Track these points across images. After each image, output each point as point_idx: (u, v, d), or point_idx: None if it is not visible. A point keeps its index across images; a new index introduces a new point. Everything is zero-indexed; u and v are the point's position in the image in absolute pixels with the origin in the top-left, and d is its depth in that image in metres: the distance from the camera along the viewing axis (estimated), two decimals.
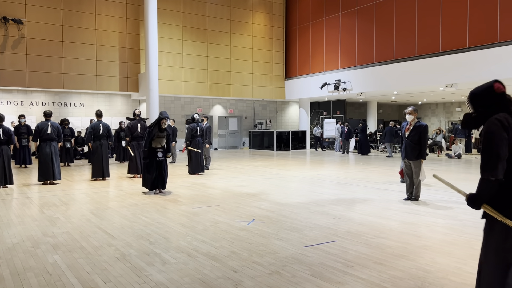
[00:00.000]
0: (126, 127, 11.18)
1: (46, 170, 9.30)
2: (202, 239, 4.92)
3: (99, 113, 10.56)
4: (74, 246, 4.66)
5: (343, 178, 10.78)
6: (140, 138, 10.88)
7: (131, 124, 11.13)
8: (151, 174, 8.18)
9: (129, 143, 11.15)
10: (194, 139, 11.33)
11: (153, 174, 8.19)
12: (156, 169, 8.22)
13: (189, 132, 11.35)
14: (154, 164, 8.20)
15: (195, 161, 11.27)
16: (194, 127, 11.37)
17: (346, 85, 20.31)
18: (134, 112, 11.38)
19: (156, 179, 8.24)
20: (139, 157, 10.67)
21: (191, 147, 11.24)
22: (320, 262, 4.07)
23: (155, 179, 8.22)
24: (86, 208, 6.86)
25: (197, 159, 11.28)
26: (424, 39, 17.04)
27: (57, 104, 19.01)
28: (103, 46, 19.13)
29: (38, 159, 9.48)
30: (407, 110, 7.50)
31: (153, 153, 8.22)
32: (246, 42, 23.03)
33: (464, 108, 27.36)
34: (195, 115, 11.60)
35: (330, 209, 6.66)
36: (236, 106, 24.14)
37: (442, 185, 9.24)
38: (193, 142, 11.29)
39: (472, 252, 4.37)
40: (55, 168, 9.38)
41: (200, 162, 11.34)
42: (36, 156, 9.70)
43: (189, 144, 11.30)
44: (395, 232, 5.22)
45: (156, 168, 8.22)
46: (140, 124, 11.03)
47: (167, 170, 8.49)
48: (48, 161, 9.31)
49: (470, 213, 6.35)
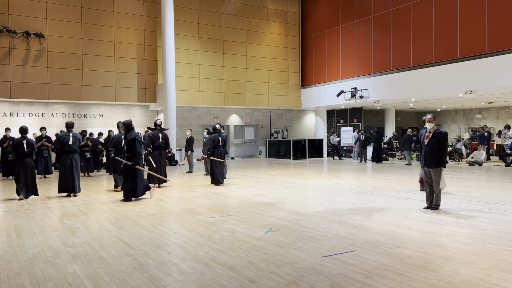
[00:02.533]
0: (147, 136, 11.34)
1: (67, 183, 9.36)
2: (219, 249, 4.91)
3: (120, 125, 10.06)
4: (93, 256, 4.71)
5: (361, 186, 10.65)
6: (162, 148, 11.09)
7: (152, 134, 11.19)
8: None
9: (150, 153, 11.18)
10: (216, 149, 11.22)
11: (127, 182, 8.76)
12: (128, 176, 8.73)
13: (211, 142, 11.24)
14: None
15: (218, 171, 11.11)
16: (216, 137, 11.26)
17: (363, 93, 20.19)
18: (155, 122, 11.43)
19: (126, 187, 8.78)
20: (160, 166, 10.91)
21: (213, 157, 11.12)
22: (338, 273, 4.01)
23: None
24: (105, 218, 6.93)
25: (219, 169, 11.14)
26: (442, 45, 16.84)
27: (77, 115, 19.39)
28: (121, 58, 19.50)
29: (58, 171, 9.63)
30: (426, 118, 7.39)
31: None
32: (261, 51, 23.15)
33: (484, 115, 26.84)
34: (217, 125, 11.52)
35: (348, 219, 6.58)
36: (253, 115, 24.21)
37: (464, 193, 9.05)
38: (215, 153, 11.18)
39: (495, 263, 4.25)
40: (75, 182, 9.36)
41: (222, 173, 11.24)
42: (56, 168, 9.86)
43: (211, 154, 11.20)
44: (415, 242, 5.12)
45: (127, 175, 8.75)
46: (161, 134, 11.13)
47: (137, 179, 8.75)
48: (69, 174, 9.30)
49: (493, 222, 6.20)
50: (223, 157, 11.25)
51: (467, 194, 9.01)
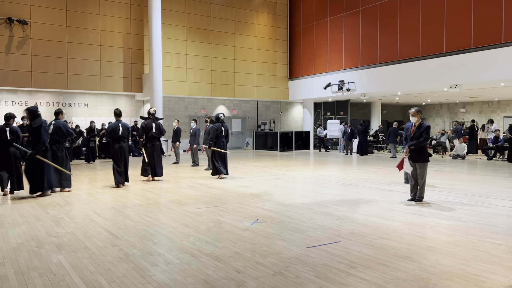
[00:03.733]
0: (140, 127, 10.56)
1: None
2: (206, 240, 4.93)
3: (117, 112, 9.59)
4: (78, 246, 4.67)
5: (347, 178, 10.76)
6: (155, 139, 10.34)
7: (145, 123, 10.39)
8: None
9: (143, 144, 10.41)
10: (218, 140, 10.77)
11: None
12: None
13: (214, 132, 10.73)
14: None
15: (220, 162, 10.72)
16: (219, 127, 10.78)
17: (349, 86, 20.29)
18: (148, 111, 10.73)
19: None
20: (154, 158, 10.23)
21: (215, 147, 10.74)
22: (323, 263, 4.07)
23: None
24: (90, 208, 6.88)
25: (222, 161, 10.75)
26: (428, 40, 16.99)
27: (61, 104, 19.08)
28: (107, 47, 19.21)
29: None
30: (411, 112, 7.47)
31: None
32: (249, 42, 23.05)
33: (468, 109, 27.25)
34: (220, 114, 11.02)
35: (334, 210, 6.65)
36: (240, 107, 24.16)
37: (447, 186, 9.21)
38: (217, 143, 10.75)
39: (476, 254, 4.35)
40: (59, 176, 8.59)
41: (224, 164, 10.81)
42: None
43: (212, 145, 10.73)
44: (399, 233, 5.21)
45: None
46: (155, 124, 10.35)
47: (43, 171, 8.01)
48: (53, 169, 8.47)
49: (474, 214, 6.33)
50: (225, 148, 10.86)
51: (450, 187, 9.17)
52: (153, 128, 10.30)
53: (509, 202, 7.33)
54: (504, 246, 4.64)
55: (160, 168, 10.35)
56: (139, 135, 10.48)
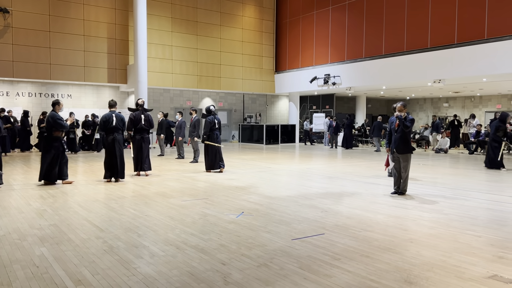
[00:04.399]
0: (128, 118, 10.06)
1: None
2: (191, 232, 4.93)
3: (111, 103, 9.22)
4: (61, 239, 4.63)
5: (332, 172, 10.85)
6: (144, 131, 9.91)
7: (134, 115, 9.89)
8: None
9: (131, 136, 9.94)
10: (212, 133, 10.53)
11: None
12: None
13: (208, 126, 10.45)
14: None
15: (213, 156, 10.49)
16: (212, 120, 10.51)
17: (335, 80, 20.38)
18: (137, 102, 10.21)
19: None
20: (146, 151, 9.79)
21: (208, 141, 10.46)
22: (308, 255, 4.11)
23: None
24: (73, 201, 6.80)
25: (214, 155, 10.50)
26: (413, 35, 17.15)
27: (44, 95, 18.75)
28: (91, 37, 18.89)
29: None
30: (397, 107, 7.56)
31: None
32: (236, 34, 22.93)
33: (451, 104, 27.66)
34: (211, 106, 10.73)
35: (318, 203, 6.71)
36: (226, 99, 24.08)
37: (429, 180, 9.37)
38: (211, 136, 10.51)
39: (457, 246, 4.45)
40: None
41: (218, 158, 10.54)
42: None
43: (206, 138, 10.48)
44: (382, 226, 5.28)
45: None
46: (144, 115, 9.89)
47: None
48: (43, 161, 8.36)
49: (456, 207, 6.46)
50: (219, 140, 10.66)
51: (432, 180, 9.33)
52: (142, 119, 9.88)
53: (489, 196, 7.49)
54: (484, 238, 4.75)
55: (148, 162, 9.94)
56: (127, 128, 9.89)
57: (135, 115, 9.90)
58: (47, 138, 8.33)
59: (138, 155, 9.80)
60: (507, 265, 3.84)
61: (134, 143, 9.83)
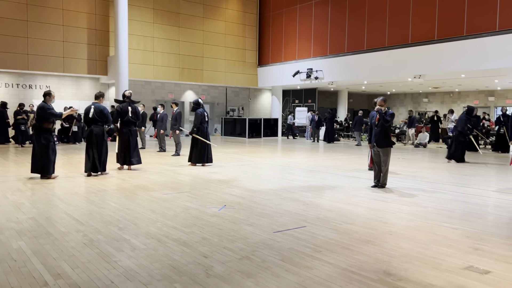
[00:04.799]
0: (114, 110, 9.65)
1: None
2: (173, 225, 4.90)
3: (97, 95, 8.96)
4: (40, 232, 4.55)
5: (313, 165, 10.93)
6: (132, 124, 9.55)
7: (120, 107, 9.53)
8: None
9: (117, 129, 9.58)
10: (202, 126, 10.33)
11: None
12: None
13: (198, 119, 10.25)
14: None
15: (201, 150, 10.30)
16: (202, 113, 10.35)
17: (318, 74, 20.47)
18: (123, 93, 9.87)
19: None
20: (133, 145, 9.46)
21: (197, 135, 10.25)
22: (289, 247, 4.14)
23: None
24: (52, 194, 6.69)
25: (203, 148, 10.31)
26: (395, 30, 17.33)
27: (21, 86, 18.31)
28: (70, 27, 18.49)
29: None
30: (378, 101, 7.64)
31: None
32: (219, 27, 22.77)
33: (430, 99, 28.14)
34: (199, 99, 10.59)
35: (300, 196, 6.76)
36: (208, 92, 23.94)
37: (408, 173, 9.53)
38: (200, 129, 10.33)
39: (434, 238, 4.55)
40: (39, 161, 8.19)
41: (206, 152, 10.35)
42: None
43: (196, 132, 10.29)
44: (362, 218, 5.36)
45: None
46: (131, 108, 9.53)
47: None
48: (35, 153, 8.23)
49: (433, 200, 6.60)
50: (208, 134, 10.47)
51: (411, 174, 9.50)
52: (129, 112, 9.52)
53: (465, 189, 7.68)
54: (460, 230, 4.87)
55: (137, 156, 9.60)
56: (113, 120, 9.55)
57: (121, 107, 9.57)
58: (38, 130, 8.10)
59: (126, 149, 9.46)
60: (482, 256, 3.95)
61: (121, 136, 9.48)
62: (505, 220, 5.47)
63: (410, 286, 3.24)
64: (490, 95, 24.93)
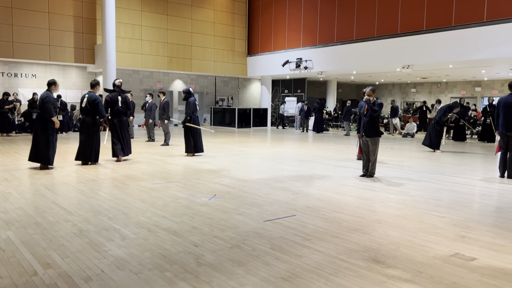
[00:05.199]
0: (104, 100, 9.35)
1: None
2: (163, 215, 4.90)
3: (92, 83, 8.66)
4: (28, 222, 4.51)
5: (303, 155, 10.98)
6: (122, 114, 9.27)
7: (110, 97, 9.22)
8: None
9: (107, 120, 9.18)
10: (194, 115, 10.18)
11: None
12: None
13: (191, 108, 10.09)
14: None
15: (199, 139, 10.29)
16: (194, 102, 10.23)
17: (307, 64, 20.46)
18: (114, 82, 9.49)
19: None
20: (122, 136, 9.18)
21: (190, 123, 10.13)
22: (279, 236, 4.17)
23: None
24: (40, 183, 6.62)
25: (198, 137, 10.27)
26: (384, 20, 17.35)
27: (6, 74, 17.97)
28: (56, 14, 18.13)
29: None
30: (366, 91, 7.68)
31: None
32: (208, 15, 22.54)
33: (418, 89, 28.36)
34: (190, 88, 10.42)
35: (290, 185, 6.80)
36: (197, 82, 23.78)
37: (396, 163, 9.64)
38: (193, 119, 10.21)
39: (422, 226, 4.62)
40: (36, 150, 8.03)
41: (200, 141, 10.34)
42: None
43: (189, 120, 10.13)
44: (351, 207, 5.42)
45: None
46: (121, 97, 9.24)
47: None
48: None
49: (421, 189, 6.69)
50: (199, 124, 10.41)
51: (399, 164, 9.60)
52: (119, 101, 9.22)
53: (452, 178, 7.79)
54: (447, 218, 4.95)
55: (129, 146, 9.36)
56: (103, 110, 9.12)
57: (111, 96, 9.24)
58: (43, 120, 7.97)
59: (122, 140, 9.19)
60: (468, 244, 4.03)
61: (113, 127, 9.17)
62: (491, 208, 5.58)
63: (398, 273, 3.29)
64: (477, 85, 25.21)
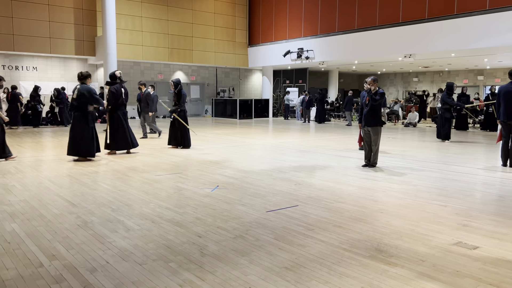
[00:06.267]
0: (109, 92, 8.93)
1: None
2: (166, 206, 4.93)
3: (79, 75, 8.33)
4: (33, 214, 4.54)
5: (305, 145, 10.98)
6: (123, 106, 9.01)
7: (115, 88, 8.81)
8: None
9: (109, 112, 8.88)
10: (185, 108, 9.95)
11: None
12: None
13: (184, 100, 9.78)
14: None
15: (185, 133, 10.03)
16: (185, 93, 9.99)
17: (308, 54, 20.35)
18: (114, 74, 9.02)
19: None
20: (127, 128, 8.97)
21: (179, 117, 9.89)
22: (282, 226, 4.20)
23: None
24: (43, 176, 6.65)
25: (186, 132, 10.05)
26: (385, 9, 17.22)
27: (7, 67, 17.95)
28: (56, 7, 18.05)
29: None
30: (368, 81, 7.65)
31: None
32: (208, 6, 22.40)
33: (420, 78, 28.22)
34: (179, 78, 10.18)
35: (292, 176, 6.81)
36: (198, 73, 23.72)
37: (398, 152, 9.63)
38: (184, 111, 10.01)
39: (424, 215, 4.64)
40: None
41: (188, 134, 10.08)
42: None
43: (179, 112, 9.91)
44: (353, 197, 5.43)
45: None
46: (123, 89, 8.99)
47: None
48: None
49: (423, 179, 6.69)
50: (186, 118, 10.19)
51: (401, 153, 9.60)
52: (123, 93, 8.94)
53: (454, 167, 7.79)
54: (449, 207, 4.97)
55: (134, 137, 9.20)
56: (108, 102, 8.82)
57: (116, 88, 8.85)
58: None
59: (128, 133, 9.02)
60: (471, 233, 4.05)
61: (118, 119, 8.86)
62: (493, 197, 5.59)
63: (401, 262, 3.31)
64: (479, 74, 25.07)
